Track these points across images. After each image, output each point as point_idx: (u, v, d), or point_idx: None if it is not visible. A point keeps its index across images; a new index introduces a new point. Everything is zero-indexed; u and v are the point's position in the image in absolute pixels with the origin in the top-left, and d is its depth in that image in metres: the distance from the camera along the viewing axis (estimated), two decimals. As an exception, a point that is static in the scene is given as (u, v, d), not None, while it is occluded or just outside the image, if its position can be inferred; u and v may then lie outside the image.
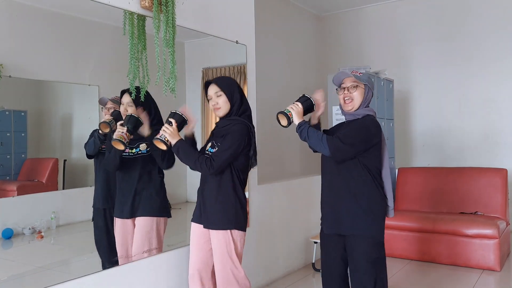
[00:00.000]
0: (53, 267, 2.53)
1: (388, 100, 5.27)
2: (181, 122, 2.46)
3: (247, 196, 3.56)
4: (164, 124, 2.43)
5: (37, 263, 2.52)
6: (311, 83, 6.54)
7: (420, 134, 6.14)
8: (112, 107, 2.72)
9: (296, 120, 2.44)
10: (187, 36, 3.19)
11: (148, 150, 2.66)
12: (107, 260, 2.66)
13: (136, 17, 2.65)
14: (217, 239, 2.48)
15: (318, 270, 4.20)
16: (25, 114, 2.56)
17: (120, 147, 2.48)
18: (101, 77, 2.83)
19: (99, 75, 2.83)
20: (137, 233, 2.67)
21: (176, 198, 3.19)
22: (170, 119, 2.43)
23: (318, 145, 2.37)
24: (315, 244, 4.30)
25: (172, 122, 2.42)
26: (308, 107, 2.51)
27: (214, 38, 3.35)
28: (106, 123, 2.58)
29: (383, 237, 2.44)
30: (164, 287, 2.80)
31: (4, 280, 2.25)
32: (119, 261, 2.64)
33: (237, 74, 3.64)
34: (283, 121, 2.47)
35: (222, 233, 2.46)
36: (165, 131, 2.39)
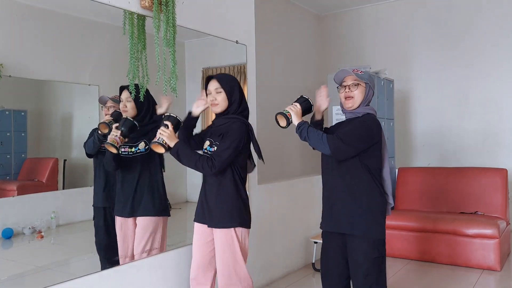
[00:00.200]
0: (53, 267, 2.53)
1: (388, 100, 5.27)
2: (176, 124, 2.44)
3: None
4: (160, 127, 2.40)
5: (37, 263, 2.51)
6: (311, 83, 6.54)
7: (420, 134, 6.13)
8: (112, 106, 2.72)
9: (295, 121, 2.44)
10: (187, 36, 3.19)
11: (147, 148, 2.66)
12: (107, 260, 2.66)
13: (136, 17, 2.65)
14: (221, 238, 2.48)
15: (318, 270, 4.20)
16: (25, 114, 2.56)
17: (113, 151, 2.47)
18: (101, 77, 2.83)
19: (99, 75, 2.83)
20: (138, 233, 2.67)
21: (176, 198, 3.18)
22: (166, 122, 2.41)
23: (319, 144, 2.36)
24: (315, 244, 4.30)
25: (168, 124, 2.40)
26: (306, 108, 2.51)
27: (214, 38, 3.35)
28: (105, 124, 2.58)
29: (384, 236, 2.43)
30: (164, 287, 2.80)
31: (4, 280, 2.25)
32: (120, 260, 2.64)
33: (237, 74, 3.64)
34: (282, 122, 2.47)
35: (226, 232, 2.46)
36: (162, 134, 2.37)
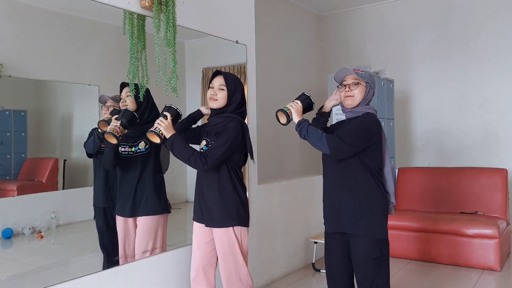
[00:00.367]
0: (53, 267, 2.53)
1: (388, 100, 5.27)
2: (176, 116, 2.44)
3: (247, 196, 3.57)
4: (159, 117, 2.41)
5: (37, 263, 2.51)
6: (311, 83, 6.54)
7: (420, 134, 6.13)
8: (112, 106, 2.72)
9: (296, 118, 2.43)
10: (187, 36, 3.18)
11: (147, 148, 2.66)
12: (108, 259, 2.66)
13: (136, 17, 2.65)
14: (220, 237, 2.48)
15: (318, 270, 4.20)
16: (25, 114, 2.56)
17: (113, 141, 2.46)
18: (101, 77, 2.83)
19: (99, 75, 2.83)
20: (139, 233, 2.68)
21: (176, 198, 3.18)
22: (165, 113, 2.42)
23: (318, 143, 2.35)
24: (315, 244, 4.30)
25: (167, 115, 2.40)
26: (307, 105, 2.50)
27: (214, 38, 3.35)
28: (105, 121, 2.57)
29: (387, 235, 2.41)
30: (165, 287, 2.80)
31: (4, 280, 2.25)
32: (120, 260, 2.64)
33: (237, 74, 3.64)
34: (282, 119, 2.46)
35: (225, 231, 2.46)
36: (159, 124, 2.37)
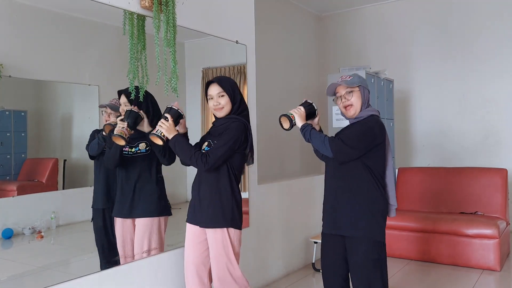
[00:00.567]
0: (53, 267, 2.53)
1: (388, 100, 5.27)
2: (177, 117, 2.46)
3: (247, 196, 3.58)
4: (160, 119, 2.43)
5: (37, 263, 2.51)
6: (311, 83, 6.54)
7: (420, 134, 6.14)
8: (112, 113, 2.71)
9: (299, 123, 2.46)
10: (187, 36, 3.18)
11: (148, 149, 2.66)
12: (107, 260, 2.66)
13: (136, 17, 2.65)
14: (214, 238, 2.47)
15: (318, 270, 4.20)
16: (25, 114, 2.56)
17: (121, 143, 2.48)
18: (101, 77, 2.83)
19: (99, 75, 2.83)
20: (137, 234, 2.67)
21: (176, 198, 3.18)
22: (166, 114, 2.44)
23: (321, 146, 2.38)
24: (315, 244, 4.30)
25: (168, 117, 2.43)
26: (310, 112, 2.53)
27: (214, 38, 3.35)
28: (110, 125, 2.59)
29: (384, 238, 2.43)
30: (164, 287, 2.80)
31: (4, 280, 2.25)
32: (120, 260, 2.64)
33: (237, 74, 3.64)
34: (286, 124, 2.48)
35: (219, 232, 2.45)
36: (161, 126, 2.40)
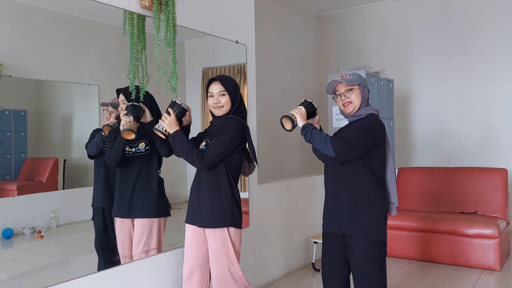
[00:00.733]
0: (53, 267, 2.53)
1: (388, 100, 5.27)
2: (180, 112, 2.47)
3: (247, 196, 3.58)
4: (164, 114, 2.45)
5: (37, 263, 2.51)
6: (311, 83, 6.54)
7: (420, 134, 6.14)
8: (113, 112, 2.72)
9: (300, 123, 2.45)
10: (187, 36, 3.18)
11: (147, 149, 2.66)
12: (107, 260, 2.66)
13: (136, 17, 2.65)
14: (214, 238, 2.46)
15: (318, 270, 4.20)
16: (25, 114, 2.56)
17: (131, 136, 2.48)
18: (101, 77, 2.83)
19: (99, 75, 2.83)
20: (136, 235, 2.67)
21: (176, 198, 3.18)
22: (169, 109, 2.45)
23: (322, 146, 2.37)
24: (315, 244, 4.30)
25: (171, 112, 2.44)
26: (311, 111, 2.52)
27: (214, 38, 3.35)
28: (109, 126, 2.60)
29: (385, 237, 2.43)
30: (165, 286, 2.80)
31: (4, 280, 2.25)
32: (120, 260, 2.64)
33: (237, 74, 3.64)
34: (287, 125, 2.47)
35: (219, 231, 2.45)
36: (163, 121, 2.42)
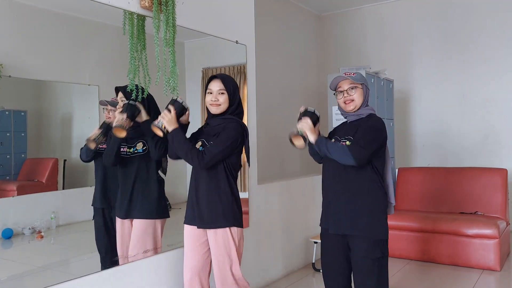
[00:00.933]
0: (53, 267, 2.53)
1: (388, 100, 5.27)
2: (181, 110, 2.46)
3: (247, 196, 3.58)
4: (164, 111, 2.43)
5: (37, 263, 2.51)
6: (311, 83, 6.54)
7: (420, 134, 6.13)
8: (112, 110, 2.71)
9: (312, 138, 2.35)
10: (187, 36, 3.18)
11: (145, 149, 2.64)
12: (107, 260, 2.65)
13: (136, 17, 2.64)
14: (216, 239, 2.45)
15: (318, 270, 4.20)
16: (25, 114, 2.56)
17: (122, 134, 2.44)
18: (101, 77, 2.83)
19: (99, 75, 2.83)
20: (133, 235, 2.65)
21: (176, 198, 3.18)
22: (170, 106, 2.44)
23: (342, 157, 2.30)
24: (315, 244, 4.30)
25: (171, 109, 2.42)
26: (316, 119, 2.44)
27: (214, 38, 3.35)
28: (94, 142, 2.57)
29: (387, 236, 2.43)
30: (165, 286, 2.80)
31: (4, 280, 2.25)
32: (119, 261, 2.64)
33: (237, 74, 3.64)
34: (299, 143, 2.37)
35: (221, 232, 2.43)
36: (163, 118, 2.40)
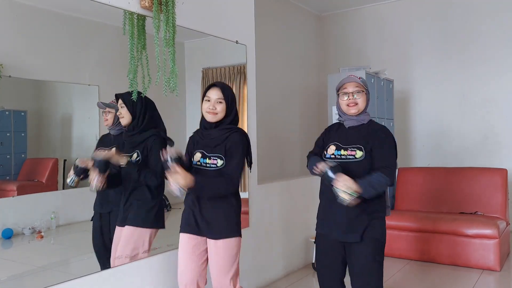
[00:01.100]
0: (53, 267, 2.53)
1: (388, 100, 5.27)
2: (178, 160, 2.25)
3: (247, 196, 3.58)
4: (168, 174, 2.21)
5: (37, 263, 2.51)
6: (311, 83, 6.54)
7: (420, 134, 6.13)
8: (109, 112, 2.70)
9: (360, 189, 2.23)
10: (187, 36, 3.18)
11: (138, 159, 2.57)
12: (101, 262, 2.62)
13: (136, 17, 2.65)
14: (222, 247, 2.37)
15: (318, 270, 4.20)
16: (25, 114, 2.56)
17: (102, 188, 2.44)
18: (101, 77, 2.83)
19: (99, 75, 2.83)
20: (122, 240, 2.60)
21: (176, 198, 3.18)
22: (169, 164, 2.21)
23: (384, 187, 2.33)
24: (315, 244, 4.29)
25: (171, 167, 2.20)
26: (339, 169, 2.29)
27: (214, 38, 3.35)
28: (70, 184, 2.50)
29: (385, 237, 2.45)
30: (165, 287, 2.80)
31: (4, 280, 2.25)
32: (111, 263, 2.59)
33: (237, 74, 3.64)
34: (355, 201, 2.24)
35: (225, 242, 2.37)
36: (177, 183, 2.19)
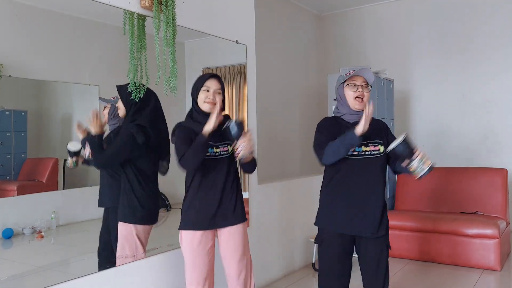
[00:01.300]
0: (53, 267, 2.53)
1: (388, 100, 5.27)
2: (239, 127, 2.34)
3: (247, 196, 3.58)
4: (241, 142, 2.32)
5: (37, 263, 2.52)
6: (311, 83, 6.54)
7: (420, 134, 6.13)
8: (106, 107, 2.73)
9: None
10: (187, 36, 3.19)
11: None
12: (106, 260, 2.64)
13: (136, 17, 2.65)
14: (239, 233, 2.53)
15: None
16: (25, 114, 2.56)
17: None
18: (101, 77, 2.83)
19: (99, 75, 2.83)
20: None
21: (176, 198, 3.18)
22: (232, 131, 2.33)
23: None
24: (315, 244, 4.30)
25: (236, 132, 2.32)
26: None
27: (214, 38, 3.35)
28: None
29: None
30: (165, 287, 2.80)
31: (4, 280, 2.25)
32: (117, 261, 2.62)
33: (237, 74, 3.64)
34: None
35: (243, 225, 2.55)
36: (245, 149, 2.32)
